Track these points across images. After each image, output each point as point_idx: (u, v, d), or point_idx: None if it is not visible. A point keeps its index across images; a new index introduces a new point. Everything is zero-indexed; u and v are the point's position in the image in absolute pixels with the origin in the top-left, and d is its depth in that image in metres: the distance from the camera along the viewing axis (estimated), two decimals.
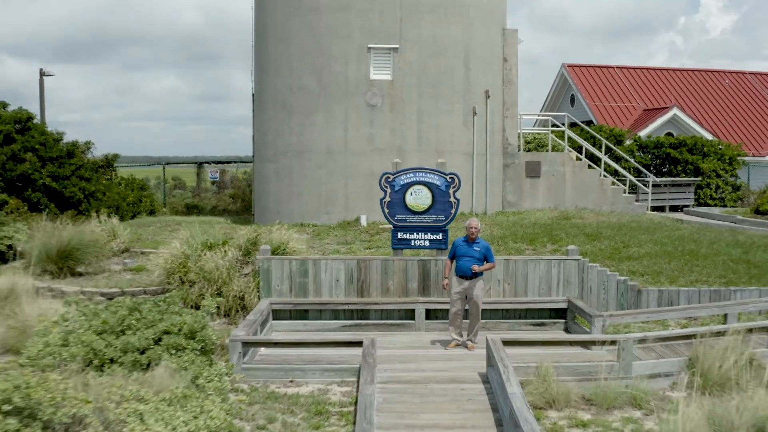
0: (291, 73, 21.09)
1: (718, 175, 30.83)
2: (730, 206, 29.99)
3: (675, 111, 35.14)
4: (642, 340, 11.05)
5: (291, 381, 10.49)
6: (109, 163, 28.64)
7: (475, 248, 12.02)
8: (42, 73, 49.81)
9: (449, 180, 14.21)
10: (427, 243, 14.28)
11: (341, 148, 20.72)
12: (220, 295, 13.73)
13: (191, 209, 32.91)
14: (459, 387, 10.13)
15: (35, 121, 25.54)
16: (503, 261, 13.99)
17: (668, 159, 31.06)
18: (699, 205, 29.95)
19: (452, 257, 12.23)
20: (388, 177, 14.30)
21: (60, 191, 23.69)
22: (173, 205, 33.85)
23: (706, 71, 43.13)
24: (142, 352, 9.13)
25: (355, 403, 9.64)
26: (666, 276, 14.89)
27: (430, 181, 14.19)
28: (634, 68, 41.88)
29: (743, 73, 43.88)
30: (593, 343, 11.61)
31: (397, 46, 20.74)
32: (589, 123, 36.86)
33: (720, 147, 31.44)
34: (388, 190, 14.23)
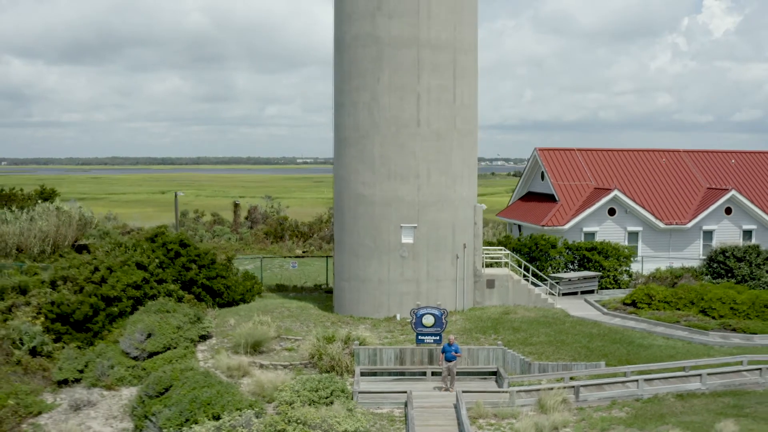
0: (358, 235, 31.72)
1: (616, 269, 39.00)
2: (625, 287, 38.14)
3: (616, 192, 40.31)
4: (521, 392, 21.84)
5: (378, 407, 21.35)
6: (229, 259, 35.78)
7: (453, 348, 22.94)
8: (176, 195, 60.65)
9: (442, 312, 25.08)
10: (432, 341, 24.99)
11: (386, 279, 30.87)
12: (338, 365, 24.54)
13: (280, 287, 42.10)
14: (445, 410, 20.76)
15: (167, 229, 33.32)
16: (467, 349, 24.75)
17: (584, 258, 38.86)
18: (602, 289, 38.10)
19: (443, 352, 23.11)
20: (414, 309, 25.19)
21: (210, 286, 31.31)
22: (266, 281, 41.76)
23: (646, 151, 46.52)
24: (326, 397, 20.05)
25: (406, 417, 20.55)
26: (546, 355, 25.21)
27: (434, 312, 25.05)
28: (590, 150, 45.82)
29: (678, 151, 46.78)
30: (502, 392, 22.39)
31: (416, 225, 30.57)
32: (552, 197, 42.87)
33: (618, 249, 38.98)
34: (414, 316, 25.14)
